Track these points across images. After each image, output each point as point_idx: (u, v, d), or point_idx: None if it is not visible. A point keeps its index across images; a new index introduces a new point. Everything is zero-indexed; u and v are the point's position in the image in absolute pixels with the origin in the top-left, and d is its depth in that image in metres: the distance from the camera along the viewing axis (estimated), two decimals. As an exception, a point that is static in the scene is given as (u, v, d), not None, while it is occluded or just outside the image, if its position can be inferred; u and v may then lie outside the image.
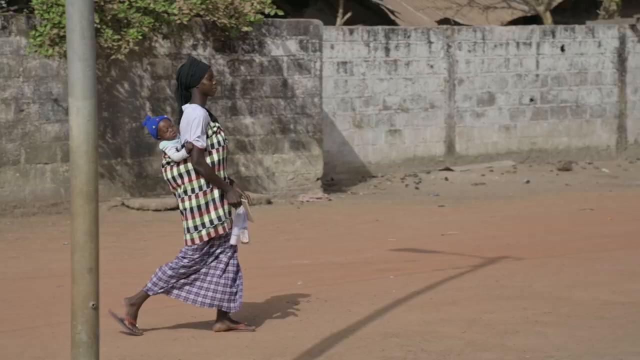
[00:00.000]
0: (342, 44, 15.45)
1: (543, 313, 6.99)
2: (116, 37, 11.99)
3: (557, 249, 9.65)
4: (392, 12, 19.53)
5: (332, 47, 15.34)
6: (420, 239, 10.34)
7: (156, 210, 12.47)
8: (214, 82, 6.43)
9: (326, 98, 15.09)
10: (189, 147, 6.31)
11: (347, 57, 15.50)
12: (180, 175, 6.39)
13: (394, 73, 15.80)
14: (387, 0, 19.84)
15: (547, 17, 19.64)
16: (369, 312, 7.08)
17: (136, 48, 12.24)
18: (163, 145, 6.43)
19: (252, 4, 12.97)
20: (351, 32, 15.55)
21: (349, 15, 19.13)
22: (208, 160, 6.37)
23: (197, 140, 6.30)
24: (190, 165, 6.36)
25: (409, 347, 6.21)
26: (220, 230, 6.40)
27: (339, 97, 15.45)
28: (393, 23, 18.98)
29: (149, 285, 6.55)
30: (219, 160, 6.41)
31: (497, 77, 16.59)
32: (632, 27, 17.59)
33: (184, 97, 6.43)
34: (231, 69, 13.45)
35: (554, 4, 20.16)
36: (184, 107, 6.41)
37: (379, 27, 15.88)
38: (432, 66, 16.07)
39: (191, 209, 6.37)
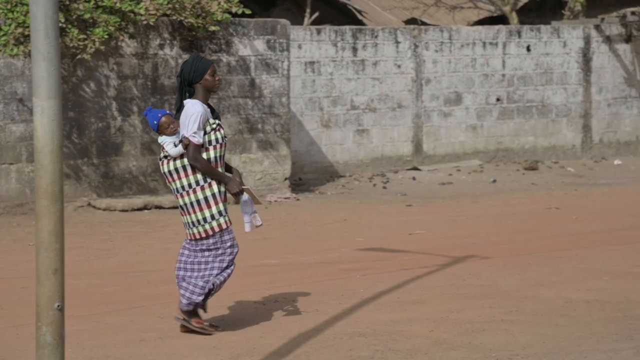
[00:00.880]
0: (309, 43, 15.45)
1: (509, 312, 7.04)
2: (82, 36, 11.91)
3: (523, 248, 9.71)
4: (360, 12, 19.56)
5: (299, 46, 15.34)
6: (388, 239, 10.37)
7: (123, 210, 12.41)
8: (216, 78, 6.44)
9: (294, 98, 15.09)
10: (185, 143, 6.32)
11: (314, 57, 15.51)
12: (177, 169, 6.39)
13: (362, 73, 15.83)
14: (354, 0, 19.87)
15: (513, 17, 19.76)
16: (337, 312, 7.08)
17: (102, 48, 12.16)
18: (162, 139, 6.44)
19: (219, 4, 12.93)
20: (319, 32, 15.56)
21: (316, 15, 19.14)
22: (205, 156, 6.36)
23: (193, 136, 6.30)
24: (186, 161, 6.37)
25: (377, 347, 6.22)
26: (224, 225, 6.41)
27: (307, 97, 15.45)
28: (360, 23, 19.02)
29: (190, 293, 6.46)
30: (215, 157, 6.40)
31: (464, 77, 16.67)
32: (597, 27, 17.74)
33: (187, 92, 6.43)
34: (198, 69, 13.39)
35: (520, 4, 20.29)
36: (185, 101, 6.41)
37: (347, 27, 15.90)
38: (399, 66, 16.11)
39: (191, 203, 6.37)
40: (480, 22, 20.04)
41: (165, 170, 6.43)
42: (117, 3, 12.14)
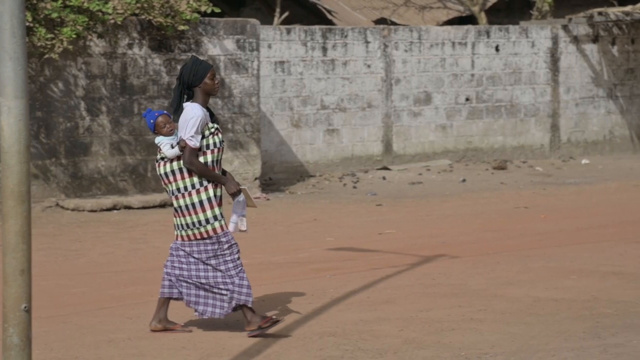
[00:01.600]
0: (279, 43, 15.44)
1: (478, 310, 7.07)
2: (49, 36, 11.83)
3: (492, 247, 9.76)
4: (329, 11, 19.58)
5: (269, 46, 15.32)
6: (358, 238, 10.39)
7: (92, 211, 12.34)
8: (216, 82, 6.42)
9: (264, 97, 15.07)
10: (182, 145, 6.30)
11: (284, 57, 15.50)
12: (173, 172, 6.37)
13: (332, 73, 15.84)
14: (324, 0, 19.88)
15: (482, 18, 19.86)
16: (307, 312, 7.09)
17: (70, 47, 12.09)
18: (158, 140, 6.41)
19: (188, 3, 12.90)
20: (288, 31, 15.55)
21: (286, 14, 19.14)
22: (202, 160, 6.33)
23: (190, 139, 6.27)
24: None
25: (346, 346, 6.23)
26: (218, 229, 6.36)
27: (277, 97, 15.45)
28: (330, 23, 19.04)
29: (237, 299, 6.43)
30: (212, 161, 6.37)
31: (433, 77, 16.73)
32: (564, 27, 17.87)
33: (186, 96, 6.41)
34: (168, 69, 13.36)
35: (489, 4, 20.39)
36: (184, 104, 6.39)
37: (317, 27, 15.91)
38: (369, 66, 16.14)
39: (186, 206, 6.34)
40: (450, 22, 20.12)
41: (162, 172, 6.41)
42: (85, 2, 12.07)
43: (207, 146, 6.35)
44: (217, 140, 6.39)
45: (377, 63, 16.19)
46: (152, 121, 6.45)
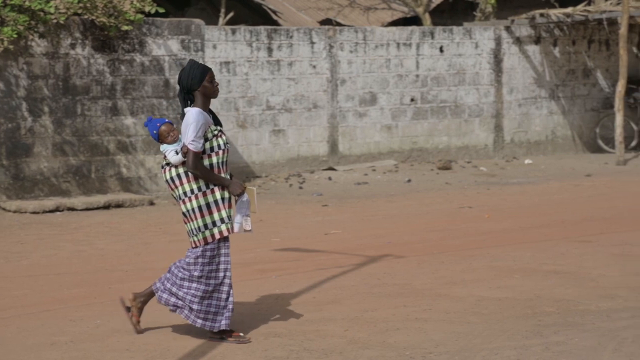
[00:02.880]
0: (224, 43, 15.39)
1: (423, 310, 7.12)
2: (-10, 35, 11.66)
3: (436, 247, 9.83)
4: (275, 12, 19.56)
5: (214, 47, 15.26)
6: (304, 239, 10.39)
7: (34, 212, 12.19)
8: (215, 84, 6.39)
9: (209, 98, 14.99)
10: (184, 151, 6.29)
11: (229, 57, 15.45)
12: (179, 175, 6.33)
13: (277, 73, 15.82)
14: (269, 0, 19.86)
15: (426, 19, 19.99)
16: (252, 312, 7.08)
17: (11, 47, 11.92)
18: (163, 148, 6.42)
19: (132, 3, 12.80)
20: (233, 32, 15.51)
21: (231, 15, 19.07)
22: (207, 162, 6.29)
23: (192, 144, 6.24)
24: None
25: (292, 347, 6.23)
26: (225, 232, 6.31)
27: (222, 97, 15.39)
28: (275, 23, 19.02)
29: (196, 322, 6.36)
30: (218, 163, 6.34)
31: (378, 78, 16.80)
32: (507, 28, 18.06)
33: (187, 99, 6.38)
34: (111, 69, 13.25)
35: (433, 5, 20.53)
36: (185, 110, 6.36)
37: (262, 27, 15.89)
38: (314, 66, 16.16)
39: (193, 209, 6.30)
40: (394, 23, 20.22)
41: (168, 177, 6.38)
42: (26, 1, 11.92)
43: (212, 149, 6.33)
44: (221, 142, 6.37)
45: (322, 64, 16.21)
46: (155, 131, 6.47)
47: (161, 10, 13.21)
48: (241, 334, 6.42)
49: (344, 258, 9.21)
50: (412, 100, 17.11)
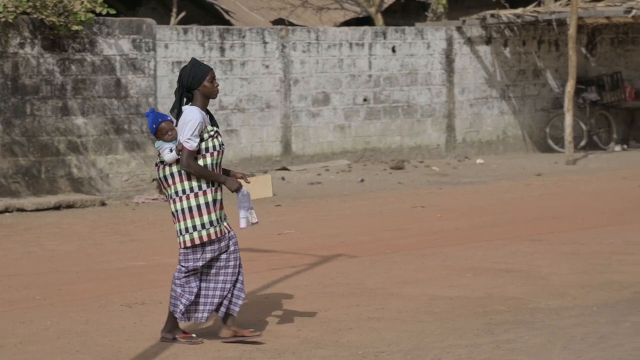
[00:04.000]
0: (176, 43, 15.31)
1: (375, 309, 7.15)
2: (-62, 34, 11.48)
3: (389, 246, 9.87)
4: (227, 12, 19.50)
5: (166, 46, 15.18)
6: (257, 239, 10.37)
7: (-17, 214, 12.02)
8: (215, 85, 6.35)
9: (161, 98, 14.92)
10: (179, 148, 6.22)
11: (181, 57, 15.37)
12: (172, 174, 6.27)
13: (230, 73, 15.78)
14: (221, 0, 19.80)
15: (379, 19, 20.06)
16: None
17: (-41, 46, 11.75)
18: (158, 145, 6.34)
19: (82, 3, 12.69)
20: (185, 31, 15.44)
21: (183, 14, 18.98)
22: (201, 163, 6.23)
23: (187, 142, 6.19)
24: None
25: (244, 347, 6.22)
26: (212, 235, 6.23)
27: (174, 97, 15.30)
28: (228, 23, 18.96)
29: (170, 307, 6.30)
30: (212, 164, 6.28)
31: (331, 78, 16.83)
32: (459, 29, 18.19)
33: (186, 98, 6.32)
34: (61, 69, 13.12)
35: (385, 5, 20.61)
36: (183, 107, 6.30)
37: (214, 27, 15.83)
38: (267, 66, 16.14)
39: (182, 210, 6.23)
40: (347, 23, 20.26)
41: (161, 175, 6.32)
42: (-26, 0, 11.76)
43: (207, 149, 6.28)
44: (216, 143, 6.32)
45: (275, 64, 16.20)
46: (154, 125, 6.38)
47: (112, 12, 13.11)
48: (193, 335, 6.39)
49: (297, 258, 9.22)
50: (364, 100, 17.16)
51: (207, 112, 6.41)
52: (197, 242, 6.24)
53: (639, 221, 11.18)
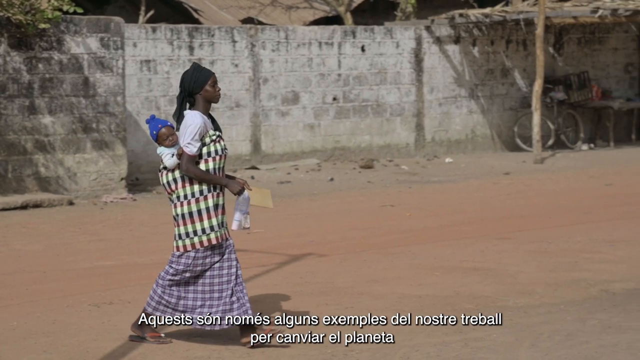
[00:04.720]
0: (145, 42, 15.25)
1: (345, 308, 7.16)
2: None
3: (359, 245, 9.89)
4: (196, 10, 19.45)
5: (134, 45, 15.11)
6: (226, 238, 10.35)
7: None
8: (217, 89, 6.32)
9: (129, 97, 14.85)
10: (179, 153, 6.21)
11: (150, 56, 15.31)
12: (175, 180, 6.24)
13: (199, 72, 15.73)
14: (190, -2, 19.73)
15: (348, 18, 20.09)
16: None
17: None
18: (160, 150, 6.32)
19: (50, 1, 12.60)
20: (154, 30, 15.37)
21: (151, 13, 18.90)
22: (203, 167, 6.21)
23: (187, 146, 6.16)
24: None
25: (213, 346, 6.21)
26: (214, 240, 6.19)
27: (143, 96, 15.25)
28: (196, 21, 18.91)
29: (147, 302, 6.26)
30: (215, 168, 6.26)
31: (300, 77, 16.83)
32: (428, 28, 18.26)
33: (188, 103, 6.30)
34: (28, 67, 13.01)
35: (354, 5, 20.64)
36: (185, 112, 6.28)
37: (183, 26, 15.78)
38: (236, 65, 16.11)
39: (182, 215, 6.20)
40: (316, 22, 20.28)
41: (164, 181, 6.30)
42: (-60, -3, 11.64)
43: (209, 153, 6.26)
44: (218, 148, 6.30)
45: (244, 62, 16.18)
46: (154, 132, 6.36)
47: (80, 10, 13.03)
48: (162, 334, 6.37)
49: (266, 257, 9.21)
50: (334, 99, 17.17)
51: (210, 116, 6.40)
52: (198, 246, 6.20)
53: (605, 219, 11.28)
